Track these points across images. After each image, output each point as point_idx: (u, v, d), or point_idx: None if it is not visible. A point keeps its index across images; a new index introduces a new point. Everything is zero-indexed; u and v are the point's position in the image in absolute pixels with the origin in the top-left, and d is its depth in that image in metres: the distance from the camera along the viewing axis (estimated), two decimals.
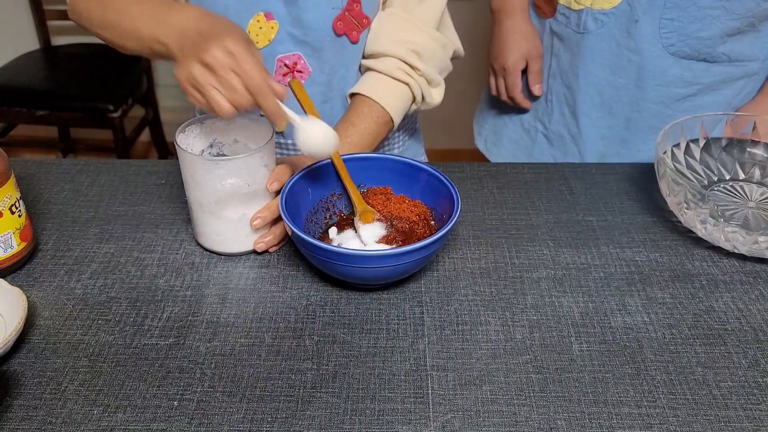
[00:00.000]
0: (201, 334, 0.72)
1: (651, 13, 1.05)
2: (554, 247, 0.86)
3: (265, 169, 0.79)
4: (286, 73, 0.96)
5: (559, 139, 1.22)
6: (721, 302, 0.78)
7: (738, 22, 1.03)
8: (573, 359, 0.70)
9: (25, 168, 0.99)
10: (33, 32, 2.44)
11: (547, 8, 1.18)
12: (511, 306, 0.77)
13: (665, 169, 0.84)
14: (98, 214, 0.90)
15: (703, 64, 1.07)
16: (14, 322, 0.68)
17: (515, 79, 1.21)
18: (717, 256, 0.85)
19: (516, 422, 0.64)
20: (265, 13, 0.92)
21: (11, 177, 0.77)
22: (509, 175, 1.00)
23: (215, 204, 0.79)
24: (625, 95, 1.13)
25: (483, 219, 0.91)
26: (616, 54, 1.10)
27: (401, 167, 0.85)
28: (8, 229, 0.77)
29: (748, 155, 0.96)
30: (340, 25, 0.93)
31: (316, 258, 0.74)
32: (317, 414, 0.64)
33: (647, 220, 0.91)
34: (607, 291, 0.79)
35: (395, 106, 0.96)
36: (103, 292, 0.78)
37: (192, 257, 0.83)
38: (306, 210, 0.83)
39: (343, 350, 0.71)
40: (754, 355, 0.71)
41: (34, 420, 0.63)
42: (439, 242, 0.74)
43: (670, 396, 0.66)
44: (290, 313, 0.75)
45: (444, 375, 0.68)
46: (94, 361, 0.69)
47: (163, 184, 0.96)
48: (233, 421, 0.63)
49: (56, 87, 2.21)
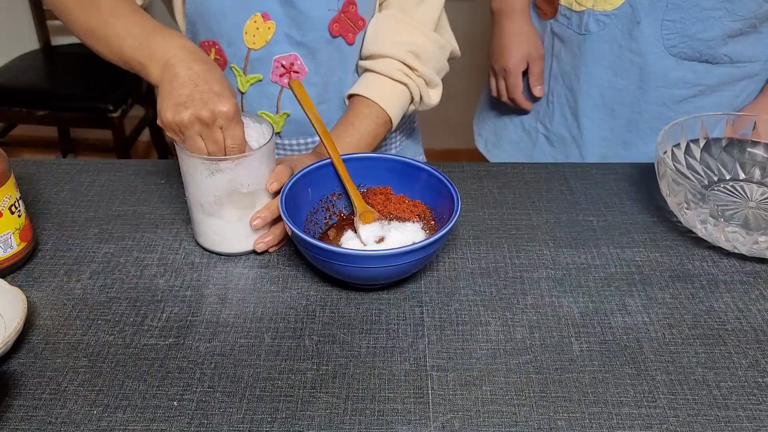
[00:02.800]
0: (201, 335, 0.72)
1: (653, 14, 1.05)
2: (554, 247, 0.86)
3: (264, 169, 0.79)
4: (283, 74, 0.96)
5: (560, 141, 1.22)
6: (721, 302, 0.78)
7: (739, 24, 1.03)
8: (573, 359, 0.70)
9: (25, 168, 0.99)
10: (33, 32, 2.44)
11: (548, 9, 1.18)
12: (511, 306, 0.77)
13: (665, 169, 0.84)
14: (98, 214, 0.90)
15: (705, 65, 1.07)
16: (14, 322, 0.68)
17: (516, 80, 1.21)
18: (717, 256, 0.85)
19: (516, 422, 0.64)
20: (263, 14, 0.92)
21: (11, 177, 0.77)
22: (509, 175, 1.00)
23: (215, 204, 0.79)
24: (626, 97, 1.13)
25: (483, 219, 0.91)
26: (618, 55, 1.10)
27: (401, 167, 0.85)
28: (8, 229, 0.77)
29: (749, 155, 0.95)
30: (336, 26, 0.94)
31: (316, 258, 0.74)
32: (317, 414, 0.64)
33: (647, 220, 0.91)
34: (607, 291, 0.79)
35: (394, 106, 0.96)
36: (102, 292, 0.78)
37: (192, 257, 0.83)
38: (306, 210, 0.83)
39: (343, 350, 0.71)
40: (754, 355, 0.71)
41: (33, 420, 0.63)
42: (439, 242, 0.74)
43: (670, 396, 0.66)
44: (290, 313, 0.75)
45: (444, 375, 0.68)
46: (94, 361, 0.69)
47: (163, 184, 0.96)
48: (233, 421, 0.63)
49: (56, 87, 2.21)
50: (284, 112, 0.99)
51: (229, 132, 0.75)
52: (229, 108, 0.74)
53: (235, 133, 0.76)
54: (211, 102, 0.73)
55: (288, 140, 1.02)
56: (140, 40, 0.78)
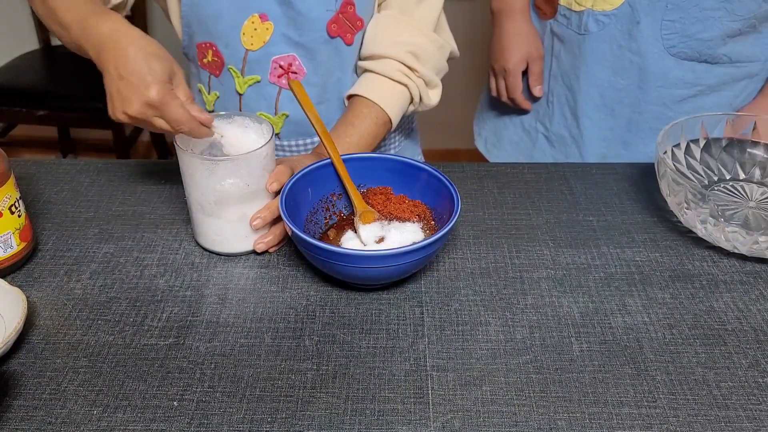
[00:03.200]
0: (201, 335, 0.72)
1: (652, 14, 1.05)
2: (554, 247, 0.86)
3: (264, 169, 0.79)
4: (281, 75, 0.96)
5: (560, 141, 1.22)
6: (721, 302, 0.78)
7: (739, 24, 1.03)
8: (573, 359, 0.70)
9: (25, 168, 0.99)
10: (33, 32, 2.44)
11: (548, 9, 1.18)
12: (511, 306, 0.77)
13: (665, 169, 0.84)
14: (98, 214, 0.90)
15: (705, 65, 1.07)
16: (14, 322, 0.68)
17: (516, 80, 1.21)
18: (717, 256, 0.85)
19: (516, 422, 0.64)
20: (260, 15, 0.92)
21: (11, 177, 0.77)
22: (509, 175, 1.00)
23: (215, 204, 0.79)
24: (626, 97, 1.13)
25: (483, 219, 0.91)
26: (618, 55, 1.10)
27: (401, 167, 0.85)
28: (8, 229, 0.77)
29: (749, 155, 0.96)
30: (334, 27, 0.94)
31: (316, 258, 0.74)
32: (317, 414, 0.64)
33: (647, 220, 0.91)
34: (607, 291, 0.79)
35: (394, 107, 0.96)
36: (102, 292, 0.78)
37: (192, 257, 0.83)
38: (306, 210, 0.83)
39: (343, 350, 0.71)
40: (754, 355, 0.71)
41: (33, 420, 0.63)
42: (439, 242, 0.74)
43: (670, 396, 0.66)
44: (290, 313, 0.75)
45: (444, 375, 0.68)
46: (94, 361, 0.69)
47: (163, 184, 0.96)
48: (233, 421, 0.63)
49: (56, 87, 2.21)
50: (283, 113, 0.99)
51: (166, 118, 0.73)
52: (154, 95, 0.71)
53: (171, 115, 0.72)
54: (134, 93, 0.71)
55: (287, 141, 1.02)
56: (78, 29, 0.76)
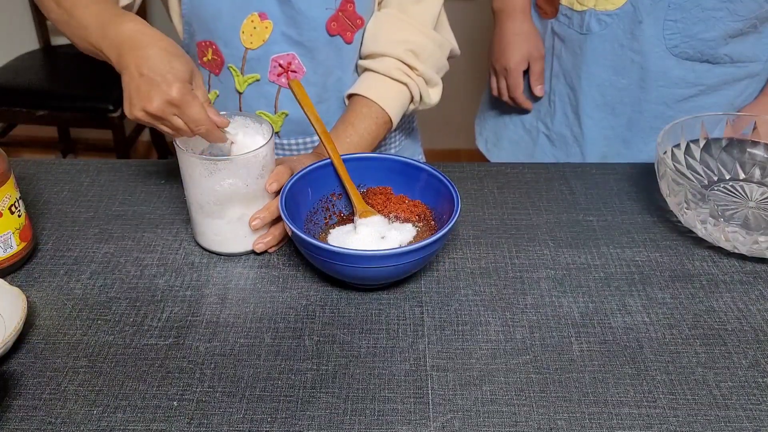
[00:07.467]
0: (201, 335, 0.72)
1: (654, 14, 1.05)
2: (554, 247, 0.86)
3: (264, 169, 0.79)
4: (281, 74, 0.96)
5: (561, 140, 1.22)
6: (721, 302, 0.78)
7: (741, 24, 1.03)
8: (573, 359, 0.70)
9: (25, 168, 0.99)
10: (33, 32, 2.44)
11: (549, 9, 1.18)
12: (511, 306, 0.77)
13: (665, 169, 0.84)
14: (98, 214, 0.90)
15: (706, 65, 1.07)
16: (14, 322, 0.68)
17: (517, 80, 1.21)
18: (717, 256, 0.85)
19: (516, 422, 0.64)
20: (260, 13, 0.92)
21: (11, 177, 0.77)
22: (509, 175, 1.00)
23: (214, 204, 0.79)
24: (627, 96, 1.13)
25: (483, 219, 0.91)
26: (619, 55, 1.10)
27: (401, 167, 0.85)
28: (8, 229, 0.77)
29: (748, 155, 0.95)
30: (334, 25, 0.93)
31: (316, 258, 0.74)
32: (317, 414, 0.64)
33: (647, 220, 0.91)
34: (607, 291, 0.79)
35: (394, 106, 0.96)
36: (102, 292, 0.78)
37: (192, 257, 0.83)
38: (306, 210, 0.83)
39: (343, 350, 0.71)
40: (754, 355, 0.71)
41: (33, 420, 0.63)
42: (439, 242, 0.74)
43: (670, 396, 0.66)
44: (290, 313, 0.75)
45: (444, 375, 0.68)
46: (94, 361, 0.69)
47: (163, 184, 0.96)
48: (233, 421, 0.63)
49: (56, 87, 2.21)
50: (282, 111, 0.99)
51: (185, 117, 0.73)
52: (175, 93, 0.71)
53: (191, 114, 0.73)
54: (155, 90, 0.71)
55: (287, 140, 1.02)
56: (97, 29, 0.77)
